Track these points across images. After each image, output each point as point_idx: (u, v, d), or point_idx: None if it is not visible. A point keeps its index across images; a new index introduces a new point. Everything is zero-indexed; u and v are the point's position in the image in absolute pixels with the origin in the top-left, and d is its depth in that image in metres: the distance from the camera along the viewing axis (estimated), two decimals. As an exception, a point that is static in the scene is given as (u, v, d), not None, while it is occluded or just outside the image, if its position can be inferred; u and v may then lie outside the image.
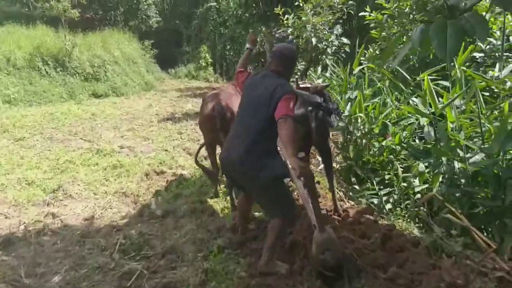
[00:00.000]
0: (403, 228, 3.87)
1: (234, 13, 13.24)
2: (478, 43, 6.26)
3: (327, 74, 9.00)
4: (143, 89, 15.41)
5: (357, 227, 3.70)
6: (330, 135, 5.02)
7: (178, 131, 8.51)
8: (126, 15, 18.19)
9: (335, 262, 2.83)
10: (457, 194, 4.13)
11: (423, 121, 4.21)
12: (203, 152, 5.15)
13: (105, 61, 14.41)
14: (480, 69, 5.83)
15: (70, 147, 7.03)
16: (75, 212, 4.45)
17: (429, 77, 4.76)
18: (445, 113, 4.02)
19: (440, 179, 4.39)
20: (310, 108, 3.92)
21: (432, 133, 4.31)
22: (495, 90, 4.67)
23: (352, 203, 4.60)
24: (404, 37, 7.08)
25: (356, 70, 5.33)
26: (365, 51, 8.12)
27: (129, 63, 15.78)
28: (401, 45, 6.43)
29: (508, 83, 4.15)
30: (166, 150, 6.95)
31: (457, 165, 4.08)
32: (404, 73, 4.82)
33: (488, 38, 6.33)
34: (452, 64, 4.37)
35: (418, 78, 4.72)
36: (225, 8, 16.29)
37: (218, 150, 4.36)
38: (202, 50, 18.55)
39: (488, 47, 6.26)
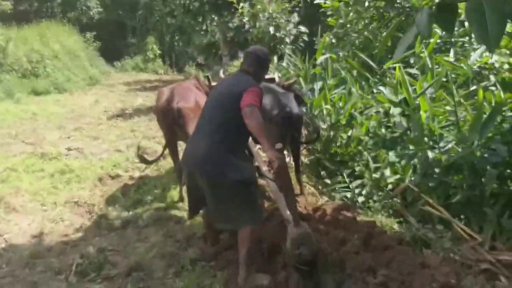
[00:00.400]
0: (383, 223, 3.69)
1: (181, 2, 12.64)
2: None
3: (284, 64, 8.73)
4: (88, 84, 14.45)
5: (336, 226, 3.46)
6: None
7: (130, 129, 7.92)
8: (65, 6, 16.91)
9: (310, 256, 2.69)
10: (431, 184, 4.02)
11: (396, 111, 4.04)
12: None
13: (43, 55, 13.30)
14: (436, 55, 5.81)
15: (10, 152, 6.28)
16: (21, 228, 3.87)
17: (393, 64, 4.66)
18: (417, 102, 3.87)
19: (412, 170, 4.29)
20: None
21: (404, 123, 4.17)
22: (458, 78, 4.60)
23: (326, 198, 4.37)
24: (360, 24, 7.02)
25: (320, 59, 5.07)
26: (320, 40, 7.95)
27: (70, 57, 14.71)
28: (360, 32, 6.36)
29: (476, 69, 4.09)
30: (119, 151, 6.38)
31: (431, 155, 3.95)
32: (370, 62, 4.62)
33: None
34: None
35: (384, 67, 4.53)
36: (171, -3, 15.56)
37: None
38: (149, 41, 17.67)
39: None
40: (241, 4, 7.04)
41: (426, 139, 3.93)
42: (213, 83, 4.82)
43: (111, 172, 5.24)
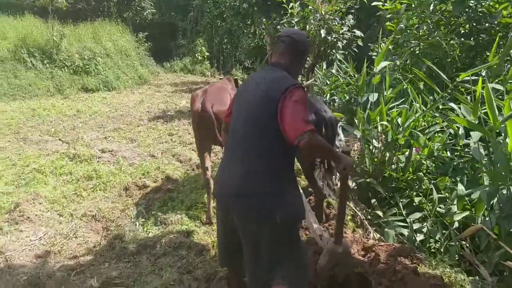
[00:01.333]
0: (451, 279, 2.85)
1: (232, 4, 12.12)
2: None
3: (333, 71, 7.93)
4: (136, 83, 14.24)
5: (392, 280, 2.68)
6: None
7: (169, 132, 7.42)
8: (120, 6, 16.91)
9: (342, 278, 2.41)
10: (512, 230, 3.14)
11: (475, 136, 3.18)
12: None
13: (96, 53, 13.20)
14: None
15: (44, 151, 5.94)
16: (29, 243, 3.39)
17: (467, 78, 3.77)
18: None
19: (486, 208, 3.41)
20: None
21: (483, 151, 3.30)
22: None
23: (377, 234, 3.57)
24: (423, 29, 6.09)
25: (379, 67, 4.26)
26: (377, 46, 7.07)
27: (121, 56, 14.57)
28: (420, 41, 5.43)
29: None
30: (152, 156, 5.86)
31: (516, 193, 3.07)
32: (440, 73, 3.76)
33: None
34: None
35: (458, 80, 3.66)
36: (222, 0, 15.09)
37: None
38: (198, 43, 17.32)
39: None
40: (291, 4, 6.31)
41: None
42: None
43: (138, 181, 4.70)
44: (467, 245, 3.48)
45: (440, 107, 4.35)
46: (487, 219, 3.34)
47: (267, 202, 1.92)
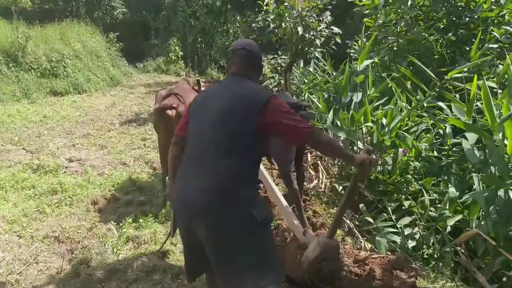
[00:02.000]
0: (452, 293, 2.59)
1: (205, 2, 11.67)
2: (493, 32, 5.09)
3: (311, 69, 7.65)
4: (108, 85, 13.64)
5: (392, 299, 2.40)
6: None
7: (142, 137, 6.97)
8: (89, 6, 16.18)
9: (329, 274, 2.52)
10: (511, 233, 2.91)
11: (471, 137, 2.93)
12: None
13: (64, 55, 12.53)
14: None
15: (5, 162, 5.42)
16: (-17, 273, 2.95)
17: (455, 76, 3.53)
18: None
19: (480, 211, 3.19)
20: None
21: (477, 153, 3.05)
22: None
23: (369, 245, 3.29)
24: (400, 25, 5.87)
25: (362, 65, 3.97)
26: (355, 43, 6.83)
27: (92, 57, 13.92)
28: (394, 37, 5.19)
29: None
30: (124, 164, 5.43)
31: (514, 196, 2.84)
32: (427, 70, 3.50)
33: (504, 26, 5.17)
34: None
35: (447, 77, 3.41)
36: (194, -2, 14.67)
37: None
38: (171, 43, 16.75)
39: (503, 36, 5.07)
40: (266, 1, 5.97)
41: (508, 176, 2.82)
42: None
43: (108, 194, 4.27)
44: (462, 250, 3.24)
45: (425, 105, 4.11)
46: (482, 223, 3.10)
47: (238, 212, 1.80)
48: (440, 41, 5.35)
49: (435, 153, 4.12)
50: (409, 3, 5.61)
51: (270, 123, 1.86)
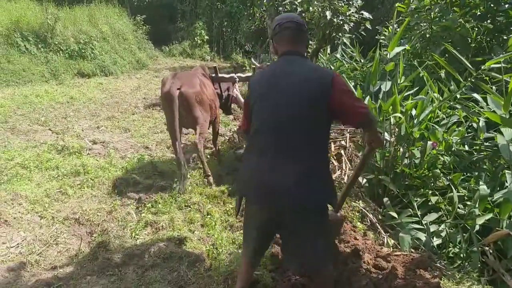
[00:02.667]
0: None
1: (231, -15, 11.56)
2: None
3: (338, 55, 7.43)
4: (134, 68, 13.72)
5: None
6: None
7: (165, 121, 6.96)
8: (117, -13, 16.23)
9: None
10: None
11: (509, 134, 2.75)
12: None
13: (92, 37, 12.63)
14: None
15: (31, 142, 5.53)
16: (5, 251, 3.00)
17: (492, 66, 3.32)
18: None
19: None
20: None
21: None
22: None
23: (392, 241, 3.17)
24: (435, 11, 5.58)
25: (393, 53, 3.79)
26: (385, 29, 6.57)
27: (119, 40, 14.00)
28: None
29: None
30: (146, 147, 5.45)
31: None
32: (463, 59, 3.30)
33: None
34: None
35: (484, 67, 3.21)
36: (222, -19, 14.47)
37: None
38: (197, 26, 16.66)
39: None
40: (294, -17, 5.79)
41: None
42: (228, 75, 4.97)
43: (129, 177, 4.29)
44: (491, 251, 3.09)
45: (458, 96, 3.90)
46: (512, 223, 2.94)
47: (313, 191, 1.91)
48: (476, 29, 5.06)
49: (466, 148, 3.94)
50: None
51: (338, 100, 1.89)
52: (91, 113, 7.43)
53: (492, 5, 5.14)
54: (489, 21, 5.03)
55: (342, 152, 4.92)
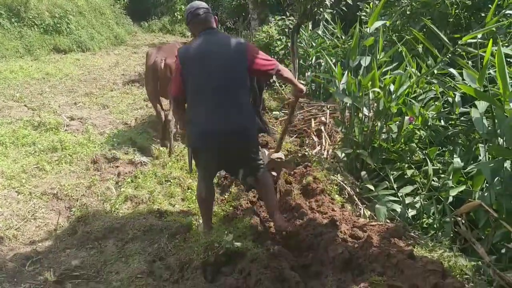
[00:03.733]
0: (450, 263, 2.57)
1: (212, -41, 11.29)
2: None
3: (319, 32, 7.41)
4: (112, 44, 13.39)
5: (386, 267, 2.38)
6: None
7: (144, 97, 6.86)
8: (93, -40, 15.61)
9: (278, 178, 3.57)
10: (515, 207, 2.86)
11: (481, 106, 2.82)
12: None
13: (67, 11, 12.21)
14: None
15: (6, 118, 5.39)
16: (-20, 228, 2.97)
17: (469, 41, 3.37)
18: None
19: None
20: None
21: (486, 123, 2.95)
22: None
23: (369, 213, 3.26)
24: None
25: (373, 27, 3.80)
26: (367, 6, 6.56)
27: (95, 15, 13.59)
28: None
29: None
30: (125, 124, 5.39)
31: (521, 168, 2.77)
32: (441, 34, 3.34)
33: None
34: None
35: (460, 42, 3.26)
36: (202, -46, 14.07)
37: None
38: (177, 1, 16.28)
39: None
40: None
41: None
42: None
43: (108, 153, 4.24)
44: (463, 221, 3.21)
45: (435, 72, 3.96)
46: (485, 194, 3.05)
47: (254, 130, 2.81)
48: (455, 5, 5.11)
49: (442, 122, 4.03)
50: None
51: (252, 60, 2.63)
52: (68, 89, 7.27)
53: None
54: (467, -2, 5.08)
55: (322, 128, 4.98)
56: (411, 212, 3.38)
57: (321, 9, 5.53)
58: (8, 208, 3.24)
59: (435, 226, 3.29)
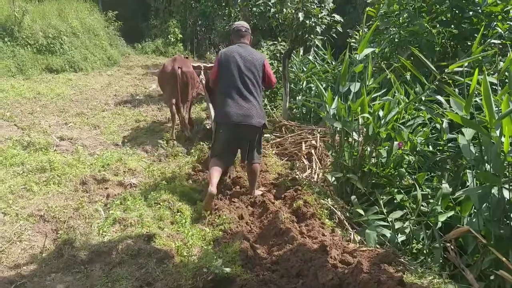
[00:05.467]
0: (440, 291, 2.55)
1: (206, -16, 11.51)
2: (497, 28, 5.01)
3: (310, 57, 7.53)
4: (105, 65, 13.42)
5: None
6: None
7: (136, 118, 6.88)
8: (89, -18, 15.81)
9: None
10: (504, 235, 2.87)
11: (468, 133, 2.87)
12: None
13: (61, 31, 12.26)
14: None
15: (-4, 137, 5.33)
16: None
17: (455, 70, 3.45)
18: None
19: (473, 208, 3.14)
20: None
21: (473, 150, 3.00)
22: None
23: (359, 238, 3.25)
24: (403, 16, 5.76)
25: (362, 54, 3.88)
26: (356, 33, 6.71)
27: (89, 36, 13.67)
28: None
29: None
30: (116, 145, 5.37)
31: (508, 195, 2.79)
32: (428, 63, 3.42)
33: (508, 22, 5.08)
34: None
35: (447, 70, 3.33)
36: (196, -21, 14.33)
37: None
38: (171, 24, 16.46)
39: (507, 32, 4.99)
40: (268, -16, 5.82)
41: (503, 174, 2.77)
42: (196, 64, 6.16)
43: (98, 174, 4.20)
44: (452, 247, 3.21)
45: (423, 98, 4.04)
46: (473, 220, 3.06)
47: (261, 118, 3.81)
48: (442, 34, 5.26)
49: (431, 148, 4.08)
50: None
51: (266, 70, 3.89)
52: (59, 109, 7.23)
53: (457, 12, 5.35)
54: (454, 27, 5.23)
55: (313, 151, 5.00)
56: (400, 238, 3.38)
57: (312, 36, 5.65)
58: (-7, 230, 3.16)
59: (424, 251, 3.28)
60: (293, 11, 5.58)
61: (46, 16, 12.38)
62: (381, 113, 3.92)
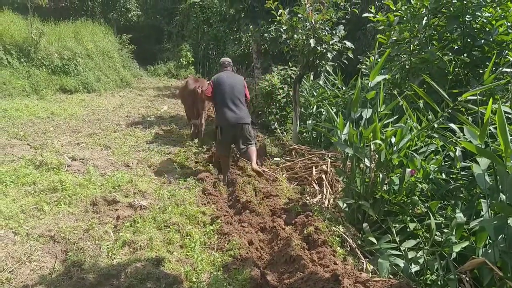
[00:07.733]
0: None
1: (218, 10, 11.73)
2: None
3: (321, 82, 7.58)
4: (118, 86, 13.68)
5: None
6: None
7: (147, 140, 6.93)
8: (104, 6, 16.30)
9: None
10: (520, 266, 2.79)
11: (483, 163, 2.83)
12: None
13: (76, 53, 12.58)
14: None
15: (8, 156, 5.39)
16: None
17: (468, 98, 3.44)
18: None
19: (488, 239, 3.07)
20: None
21: (488, 179, 2.95)
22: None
23: (372, 267, 3.18)
24: (414, 44, 5.80)
25: (374, 81, 3.89)
26: (367, 59, 6.76)
27: (103, 58, 13.99)
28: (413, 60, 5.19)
29: None
30: (127, 166, 5.38)
31: (525, 227, 2.73)
32: (440, 90, 3.41)
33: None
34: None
35: (460, 99, 3.32)
36: (209, 5, 14.64)
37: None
38: (183, 48, 16.79)
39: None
40: (280, 11, 5.92)
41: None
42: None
43: (108, 195, 4.20)
44: (467, 279, 3.12)
45: (436, 126, 4.01)
46: (489, 251, 2.98)
47: (248, 117, 5.23)
48: (454, 62, 5.27)
49: (444, 176, 4.02)
50: (423, 22, 5.56)
51: (244, 87, 5.41)
52: (71, 129, 7.32)
53: (468, 40, 5.38)
54: (465, 55, 5.24)
55: (323, 176, 4.97)
56: (414, 268, 3.29)
57: (323, 62, 5.70)
58: (4, 249, 3.15)
59: (439, 283, 3.19)
60: (305, 37, 5.65)
61: (62, 38, 12.73)
62: (393, 140, 3.90)
